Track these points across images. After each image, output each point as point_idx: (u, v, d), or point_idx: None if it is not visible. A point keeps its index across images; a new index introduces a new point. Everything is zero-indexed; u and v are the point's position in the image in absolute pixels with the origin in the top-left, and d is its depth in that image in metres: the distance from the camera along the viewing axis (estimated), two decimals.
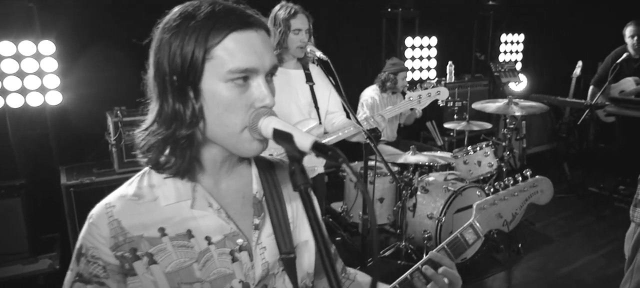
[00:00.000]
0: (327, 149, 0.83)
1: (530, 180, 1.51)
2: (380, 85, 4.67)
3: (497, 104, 4.44)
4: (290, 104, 2.87)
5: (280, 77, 2.91)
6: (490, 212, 1.45)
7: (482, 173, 4.24)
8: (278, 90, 2.87)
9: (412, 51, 5.81)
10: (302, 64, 2.93)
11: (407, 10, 5.80)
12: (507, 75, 6.20)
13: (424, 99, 2.91)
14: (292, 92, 2.88)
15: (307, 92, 2.90)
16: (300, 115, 2.87)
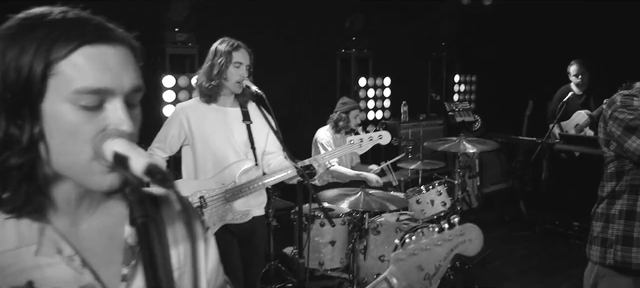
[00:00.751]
0: (159, 174, 0.69)
1: (457, 228, 1.30)
2: (333, 126, 4.60)
3: (448, 143, 4.42)
4: (225, 143, 2.74)
5: (216, 115, 2.78)
6: (410, 264, 1.24)
7: (436, 213, 4.15)
8: (213, 128, 2.75)
9: (365, 91, 5.81)
10: (239, 101, 2.82)
11: (360, 51, 5.83)
12: (461, 115, 6.26)
13: (366, 143, 2.84)
14: (228, 130, 2.76)
15: (244, 131, 2.78)
16: (235, 156, 2.75)
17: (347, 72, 5.85)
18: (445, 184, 4.29)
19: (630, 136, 2.07)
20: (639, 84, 2.23)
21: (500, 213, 6.15)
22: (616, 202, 2.20)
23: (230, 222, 2.72)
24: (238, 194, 2.67)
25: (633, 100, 2.11)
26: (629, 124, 2.07)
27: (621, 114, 2.10)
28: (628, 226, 2.16)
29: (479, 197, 6.43)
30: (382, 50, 6.10)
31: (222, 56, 2.67)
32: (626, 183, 2.16)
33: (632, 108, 2.08)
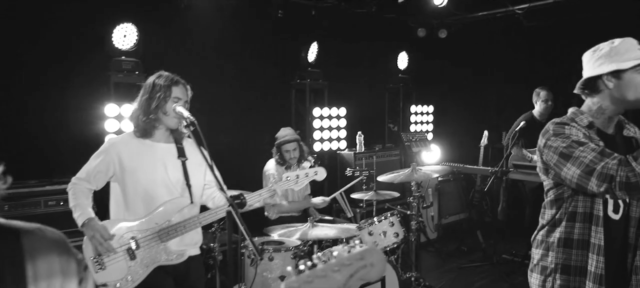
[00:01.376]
0: None
1: (356, 252, 1.18)
2: (276, 159, 4.56)
3: (401, 172, 4.34)
4: (159, 181, 2.60)
5: (150, 151, 2.62)
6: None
7: (388, 244, 4.03)
8: (146, 164, 2.53)
9: (320, 121, 5.72)
10: (174, 137, 2.70)
11: (315, 81, 5.77)
12: (418, 145, 6.24)
13: (302, 179, 2.85)
14: (162, 167, 2.61)
15: (179, 168, 2.65)
16: (169, 194, 2.60)
17: (302, 102, 5.78)
18: (398, 215, 4.19)
19: (565, 164, 2.02)
20: (570, 111, 2.19)
21: (458, 244, 6.09)
22: (555, 230, 2.14)
23: (165, 263, 2.57)
24: (173, 234, 2.54)
25: (564, 128, 2.07)
26: (562, 152, 2.02)
27: (554, 142, 2.06)
28: (566, 254, 2.10)
29: (438, 228, 6.37)
30: (337, 80, 6.07)
31: (161, 90, 2.57)
32: (565, 211, 2.11)
33: (564, 136, 2.04)
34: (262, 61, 5.64)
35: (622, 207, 2.09)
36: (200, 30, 5.13)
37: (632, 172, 1.84)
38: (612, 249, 2.06)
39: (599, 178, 1.90)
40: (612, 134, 2.15)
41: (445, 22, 7.12)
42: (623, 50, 2.04)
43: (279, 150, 4.53)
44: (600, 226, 2.02)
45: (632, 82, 2.02)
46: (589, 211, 2.05)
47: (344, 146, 5.93)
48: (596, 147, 1.96)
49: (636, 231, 2.11)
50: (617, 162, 1.87)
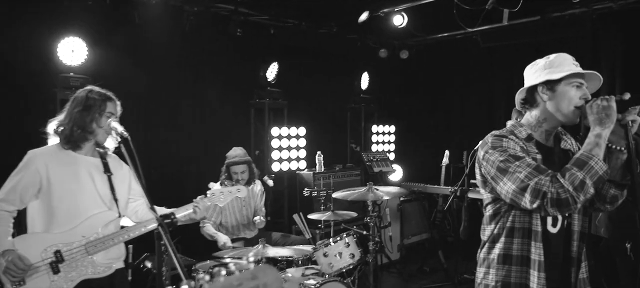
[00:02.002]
0: None
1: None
2: (223, 179, 4.48)
3: (356, 191, 4.27)
4: (88, 194, 2.60)
5: (77, 164, 2.56)
6: None
7: (344, 266, 3.92)
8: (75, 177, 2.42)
9: (279, 141, 5.63)
10: (99, 153, 2.71)
11: (275, 100, 5.69)
12: (379, 165, 6.20)
13: (226, 195, 2.96)
14: (90, 181, 2.62)
15: (106, 182, 2.66)
16: (97, 207, 2.60)
17: (261, 121, 5.68)
18: (354, 235, 4.10)
19: (501, 179, 1.98)
20: (509, 124, 2.16)
21: (420, 264, 6.03)
22: (495, 246, 2.09)
23: (91, 277, 2.53)
24: (100, 246, 2.53)
25: (502, 141, 2.03)
26: (499, 166, 1.98)
27: (492, 155, 2.02)
28: (506, 271, 2.04)
29: (400, 248, 6.30)
30: (297, 100, 6.02)
31: (96, 104, 2.60)
32: (503, 226, 2.06)
33: (502, 149, 2.00)
34: (221, 79, 5.53)
35: (561, 220, 2.07)
36: (156, 47, 5.00)
37: (562, 189, 1.83)
38: (554, 264, 2.02)
39: (532, 194, 1.87)
40: (550, 146, 2.13)
41: (407, 44, 7.18)
42: (557, 63, 2.05)
43: (228, 171, 4.45)
44: (539, 241, 1.99)
45: (565, 94, 2.02)
46: (528, 226, 2.01)
47: (304, 166, 5.84)
48: (531, 163, 1.93)
49: (579, 244, 2.08)
50: (550, 179, 1.86)
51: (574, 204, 1.83)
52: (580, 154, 1.88)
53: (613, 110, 1.87)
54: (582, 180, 1.82)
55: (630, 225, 3.25)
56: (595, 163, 1.84)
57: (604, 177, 1.86)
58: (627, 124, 1.88)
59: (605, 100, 1.89)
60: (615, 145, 1.97)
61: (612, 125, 1.88)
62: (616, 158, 1.98)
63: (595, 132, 1.89)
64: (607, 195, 2.07)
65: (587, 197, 1.84)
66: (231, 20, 5.40)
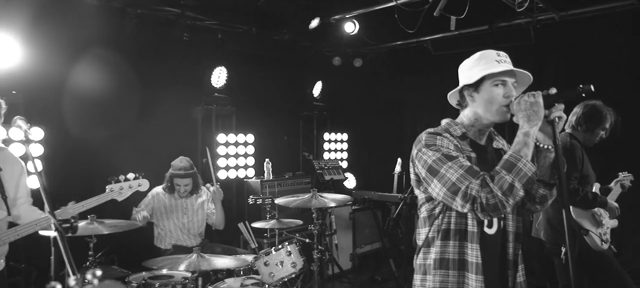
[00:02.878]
0: None
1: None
2: (164, 187, 4.33)
3: (299, 198, 4.18)
4: None
5: None
6: None
7: (286, 275, 3.81)
8: None
9: (226, 148, 5.49)
10: None
11: (222, 107, 5.56)
12: (330, 173, 6.13)
13: (126, 190, 3.00)
14: None
15: None
16: None
17: (208, 127, 5.53)
18: (297, 243, 3.99)
19: (432, 180, 1.90)
20: (445, 122, 2.11)
21: (372, 274, 5.97)
22: (430, 251, 1.99)
23: None
24: None
25: (436, 139, 1.96)
26: (431, 166, 1.91)
27: (425, 154, 1.94)
28: (443, 276, 1.94)
29: (353, 257, 6.22)
30: (246, 106, 5.91)
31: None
32: (438, 229, 1.97)
33: (435, 148, 1.93)
34: (167, 84, 5.35)
35: (497, 221, 2.00)
36: (97, 49, 4.79)
37: (490, 194, 1.77)
38: (491, 266, 1.95)
39: (463, 198, 1.81)
40: (484, 145, 2.08)
41: (361, 52, 7.18)
42: (481, 63, 2.00)
43: (171, 181, 4.30)
44: (476, 242, 1.91)
45: (489, 94, 1.97)
46: (464, 227, 1.93)
47: (252, 174, 5.71)
48: (464, 164, 1.87)
49: (515, 245, 2.02)
50: (480, 183, 1.80)
51: (503, 208, 1.78)
52: (508, 155, 1.82)
53: (540, 106, 1.81)
54: (511, 184, 1.76)
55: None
56: (523, 165, 1.79)
57: (533, 178, 1.82)
58: (554, 120, 1.83)
59: (532, 96, 1.83)
60: (543, 144, 1.92)
61: (540, 122, 1.83)
62: (544, 157, 1.94)
63: (523, 130, 1.84)
64: (537, 195, 2.02)
65: (516, 200, 1.80)
66: (178, 24, 5.26)
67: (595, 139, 3.52)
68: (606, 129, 3.50)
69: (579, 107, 3.55)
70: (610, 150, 4.88)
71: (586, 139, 3.50)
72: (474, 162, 1.95)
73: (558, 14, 5.39)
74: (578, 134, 3.50)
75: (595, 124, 3.45)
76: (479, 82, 1.99)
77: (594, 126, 3.45)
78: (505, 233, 2.01)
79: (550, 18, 5.47)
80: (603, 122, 3.46)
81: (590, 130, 3.47)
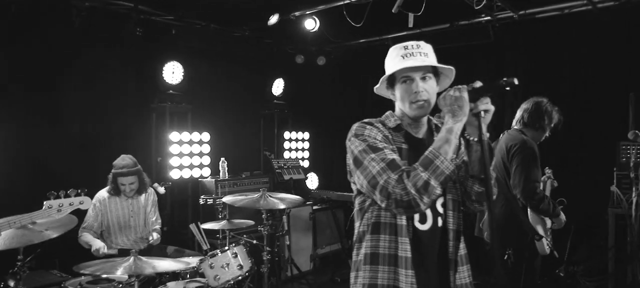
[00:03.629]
0: None
1: None
2: (109, 189, 4.18)
3: (248, 197, 4.06)
4: None
5: None
6: None
7: (232, 278, 3.69)
8: None
9: (179, 147, 5.32)
10: None
11: (177, 105, 5.39)
12: (290, 172, 6.02)
13: (65, 207, 2.76)
14: None
15: None
16: None
17: (162, 126, 5.36)
18: (245, 245, 3.87)
19: (357, 171, 1.82)
20: (389, 113, 2.02)
21: (332, 275, 5.88)
22: (362, 246, 1.90)
23: None
24: None
25: (365, 128, 1.88)
26: (356, 157, 1.82)
27: (353, 143, 1.86)
28: (373, 272, 1.84)
29: (313, 259, 6.12)
30: (207, 104, 5.76)
31: None
32: (368, 222, 1.88)
33: (362, 138, 1.84)
34: (119, 81, 5.16)
35: (432, 217, 1.90)
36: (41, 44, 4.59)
37: (404, 191, 1.69)
38: (429, 263, 1.87)
39: (381, 193, 1.73)
40: (421, 138, 1.98)
41: (324, 50, 7.08)
42: (389, 59, 1.94)
43: (115, 181, 4.12)
44: (406, 236, 1.82)
45: (400, 91, 1.92)
46: (393, 221, 1.84)
47: (208, 173, 5.55)
48: (387, 157, 1.78)
49: (455, 244, 1.93)
50: (397, 178, 1.71)
51: (417, 207, 1.70)
52: (428, 151, 1.74)
53: (465, 101, 1.74)
54: (426, 181, 1.69)
55: (512, 231, 3.20)
56: (441, 162, 1.71)
57: (452, 176, 1.75)
58: (480, 113, 1.75)
59: (457, 91, 1.75)
60: (473, 137, 1.84)
61: (465, 116, 1.75)
62: (475, 151, 1.86)
63: (447, 125, 1.76)
64: (472, 193, 1.94)
65: (433, 199, 1.72)
66: (130, 19, 5.08)
67: (541, 137, 3.45)
68: (551, 128, 3.44)
69: (527, 104, 3.47)
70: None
71: (533, 136, 3.41)
72: (404, 154, 1.88)
73: (517, 12, 5.39)
74: (527, 132, 3.40)
75: (544, 122, 3.37)
76: (391, 80, 1.95)
77: (543, 124, 3.37)
78: (445, 230, 1.93)
79: (509, 17, 5.46)
80: (551, 120, 3.39)
81: (540, 128, 3.39)
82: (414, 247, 1.84)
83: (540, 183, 3.21)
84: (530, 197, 3.12)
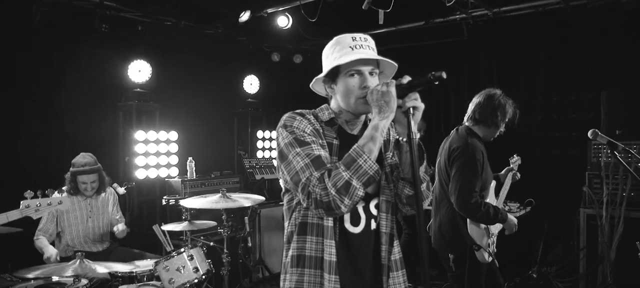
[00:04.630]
0: None
1: None
2: (68, 189, 4.09)
3: (208, 198, 3.96)
4: None
5: None
6: None
7: (187, 281, 3.59)
8: None
9: (145, 146, 5.22)
10: None
11: (145, 103, 5.29)
12: (262, 171, 5.92)
13: (43, 208, 2.70)
14: None
15: None
16: None
17: (128, 124, 5.26)
18: (203, 247, 3.78)
19: (281, 165, 1.73)
20: (324, 106, 1.91)
21: None
22: (290, 247, 1.79)
23: None
24: None
25: (294, 119, 1.76)
26: (282, 150, 1.72)
27: (280, 136, 1.76)
28: (299, 275, 1.74)
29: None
30: (177, 102, 5.66)
31: None
32: (295, 222, 1.78)
33: (290, 130, 1.73)
34: (84, 79, 5.04)
35: (365, 219, 1.81)
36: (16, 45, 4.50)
37: (324, 191, 1.59)
38: (362, 267, 1.79)
39: (302, 191, 1.64)
40: (355, 134, 1.88)
41: (301, 48, 6.99)
42: (335, 51, 1.80)
43: (74, 180, 4.01)
44: (332, 239, 1.72)
45: (345, 85, 1.78)
46: (320, 222, 1.74)
47: (176, 173, 5.45)
48: (313, 152, 1.67)
49: (388, 248, 1.84)
50: (319, 177, 1.61)
51: (337, 208, 1.59)
52: (352, 149, 1.64)
53: (392, 97, 1.63)
54: (348, 182, 1.59)
55: (454, 236, 3.05)
56: (364, 161, 1.61)
57: (376, 177, 1.64)
58: (408, 110, 1.64)
59: (384, 86, 1.65)
60: (403, 138, 1.74)
61: (392, 113, 1.65)
62: (405, 152, 1.76)
63: (373, 122, 1.66)
64: (402, 195, 1.85)
65: (355, 200, 1.62)
66: (96, 15, 4.96)
67: (496, 133, 3.14)
68: (506, 123, 3.13)
69: (478, 97, 3.14)
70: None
71: (486, 133, 3.12)
72: (334, 150, 1.78)
73: (491, 10, 5.32)
74: (479, 128, 3.13)
75: (497, 117, 3.04)
76: (334, 72, 1.80)
77: (496, 119, 3.05)
78: (378, 234, 1.84)
79: (483, 14, 5.40)
80: (505, 115, 3.07)
81: (493, 124, 3.07)
82: (343, 251, 1.75)
83: (478, 191, 2.91)
84: (465, 207, 2.88)
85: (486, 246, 3.03)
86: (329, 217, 1.73)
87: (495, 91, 3.11)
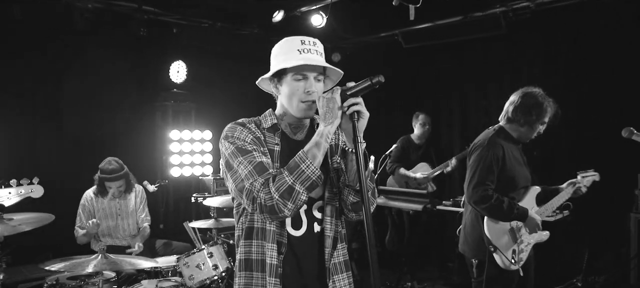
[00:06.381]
0: None
1: None
2: (95, 190, 4.27)
3: (225, 198, 4.01)
4: None
5: None
6: None
7: (207, 278, 3.64)
8: None
9: (180, 145, 5.38)
10: None
11: (181, 103, 5.44)
12: None
13: (13, 196, 2.80)
14: None
15: None
16: None
17: (166, 123, 5.43)
18: (223, 245, 3.83)
19: (227, 174, 1.77)
20: (268, 111, 1.92)
21: None
22: (239, 251, 1.86)
23: None
24: None
25: (235, 130, 1.79)
26: (226, 160, 1.76)
27: (222, 146, 1.81)
28: (247, 278, 1.80)
29: None
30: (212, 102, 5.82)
31: None
32: (242, 227, 1.83)
33: (232, 140, 1.77)
34: (122, 80, 5.27)
35: (307, 222, 1.83)
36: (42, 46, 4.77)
37: (268, 195, 1.62)
38: (306, 270, 1.81)
39: (247, 197, 1.67)
40: (299, 140, 1.89)
41: (340, 46, 6.93)
42: (282, 52, 1.82)
43: (102, 184, 4.18)
44: (273, 242, 1.75)
45: (290, 88, 1.79)
46: (265, 226, 1.78)
47: (210, 171, 5.57)
48: (255, 160, 1.70)
49: (331, 252, 1.84)
50: (262, 182, 1.64)
51: (281, 212, 1.63)
52: (296, 155, 1.67)
53: (336, 103, 1.66)
54: (291, 186, 1.62)
55: (475, 238, 2.91)
56: (307, 166, 1.64)
57: (318, 182, 1.66)
58: (353, 116, 1.66)
59: (330, 93, 1.69)
60: (349, 147, 1.75)
61: (337, 120, 1.68)
62: (350, 160, 1.77)
63: (320, 128, 1.69)
64: (347, 202, 1.85)
65: (298, 205, 1.64)
66: (134, 19, 5.17)
67: (532, 134, 2.98)
68: (545, 123, 2.96)
69: (515, 96, 2.98)
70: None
71: (521, 134, 2.98)
72: (276, 157, 1.80)
73: (534, 2, 5.02)
74: (513, 128, 2.99)
75: (531, 116, 2.89)
76: (280, 74, 1.82)
77: (530, 119, 2.90)
78: (322, 237, 1.85)
79: (525, 7, 5.11)
80: (542, 115, 2.90)
81: (526, 123, 2.92)
82: (288, 254, 1.79)
83: (490, 185, 2.79)
84: (474, 197, 2.78)
85: (508, 250, 2.85)
86: (274, 220, 1.76)
87: (534, 89, 2.96)
